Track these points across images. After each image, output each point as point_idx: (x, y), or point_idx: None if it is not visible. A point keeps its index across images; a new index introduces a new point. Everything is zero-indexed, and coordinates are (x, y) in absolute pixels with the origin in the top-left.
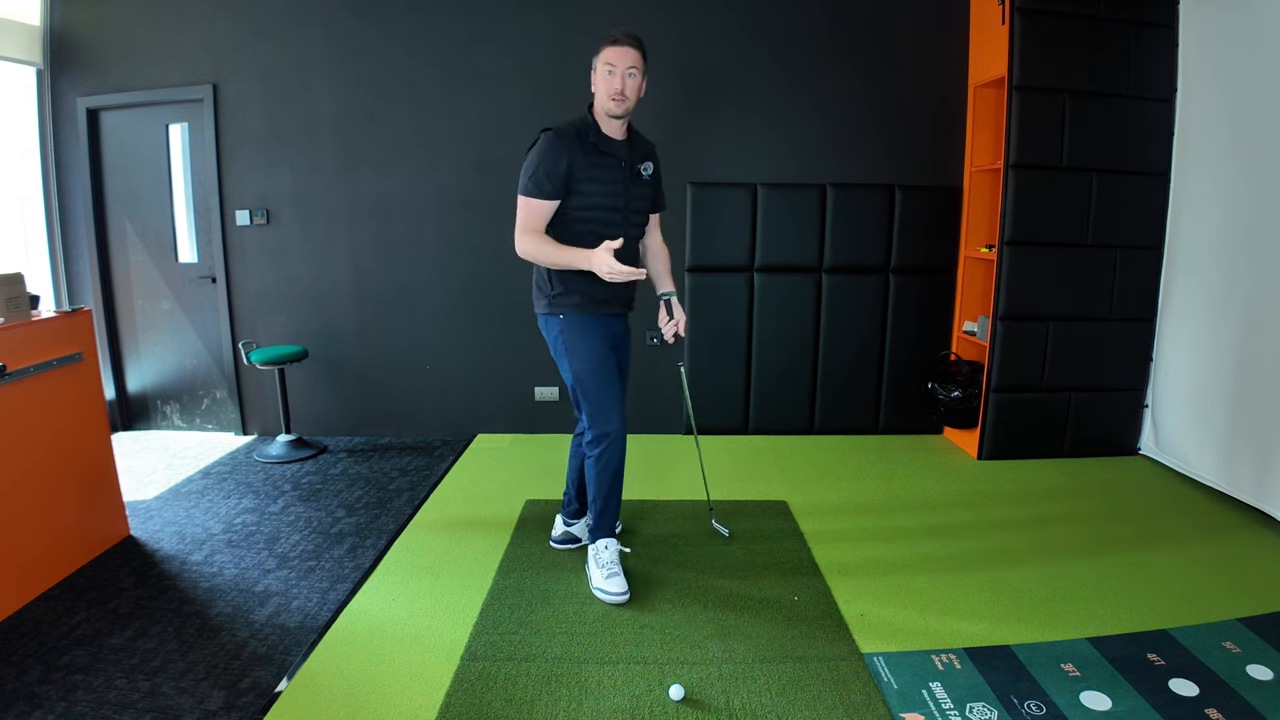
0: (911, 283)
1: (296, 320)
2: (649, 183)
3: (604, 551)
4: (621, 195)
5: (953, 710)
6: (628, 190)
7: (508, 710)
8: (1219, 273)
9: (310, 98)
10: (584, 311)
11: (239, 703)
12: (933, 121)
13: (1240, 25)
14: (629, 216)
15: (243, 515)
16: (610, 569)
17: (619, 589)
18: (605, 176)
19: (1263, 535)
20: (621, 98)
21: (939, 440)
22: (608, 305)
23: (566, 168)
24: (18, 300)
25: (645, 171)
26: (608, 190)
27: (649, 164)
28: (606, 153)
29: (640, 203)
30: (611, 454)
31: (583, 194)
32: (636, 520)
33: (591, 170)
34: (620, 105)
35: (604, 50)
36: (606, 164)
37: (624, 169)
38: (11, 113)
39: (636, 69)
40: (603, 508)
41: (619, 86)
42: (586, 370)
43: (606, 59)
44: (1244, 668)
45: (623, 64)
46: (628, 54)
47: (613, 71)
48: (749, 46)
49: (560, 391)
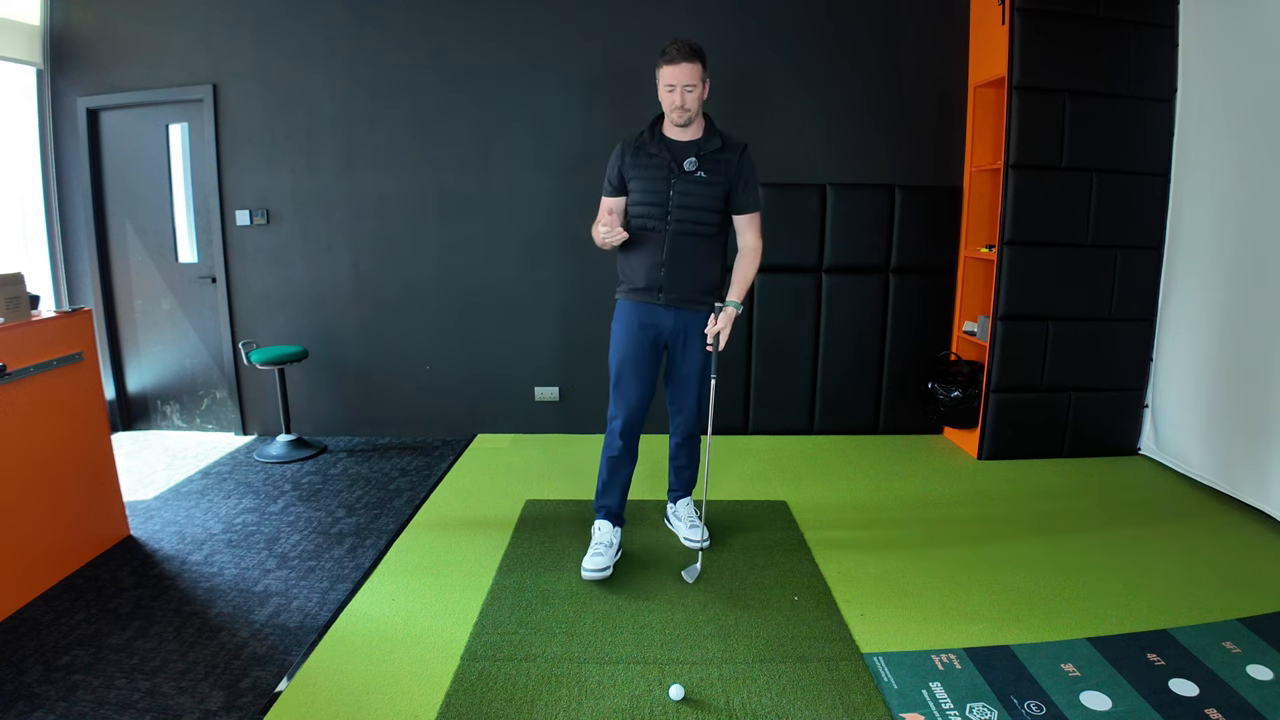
0: (911, 283)
1: (296, 320)
2: (710, 181)
3: (594, 531)
4: (663, 191)
5: (953, 710)
6: (670, 186)
7: (508, 710)
8: (1219, 272)
9: (310, 98)
10: (627, 299)
11: (239, 703)
12: (933, 121)
13: (1240, 25)
14: (674, 211)
15: (243, 515)
16: (594, 548)
17: (590, 565)
18: (649, 175)
19: (1263, 535)
20: (683, 110)
21: (939, 440)
22: (643, 294)
23: (619, 169)
24: (18, 300)
25: (688, 166)
26: (650, 187)
27: (693, 160)
28: (654, 153)
29: (691, 199)
30: (607, 442)
31: (632, 190)
32: (637, 520)
33: (637, 170)
34: (682, 116)
35: (662, 70)
36: (652, 163)
37: (668, 166)
38: (11, 113)
39: (694, 83)
40: (598, 489)
41: (679, 102)
42: (613, 356)
43: (666, 79)
44: (1244, 668)
45: (681, 81)
46: (684, 71)
47: (673, 89)
48: (749, 47)
49: (560, 392)
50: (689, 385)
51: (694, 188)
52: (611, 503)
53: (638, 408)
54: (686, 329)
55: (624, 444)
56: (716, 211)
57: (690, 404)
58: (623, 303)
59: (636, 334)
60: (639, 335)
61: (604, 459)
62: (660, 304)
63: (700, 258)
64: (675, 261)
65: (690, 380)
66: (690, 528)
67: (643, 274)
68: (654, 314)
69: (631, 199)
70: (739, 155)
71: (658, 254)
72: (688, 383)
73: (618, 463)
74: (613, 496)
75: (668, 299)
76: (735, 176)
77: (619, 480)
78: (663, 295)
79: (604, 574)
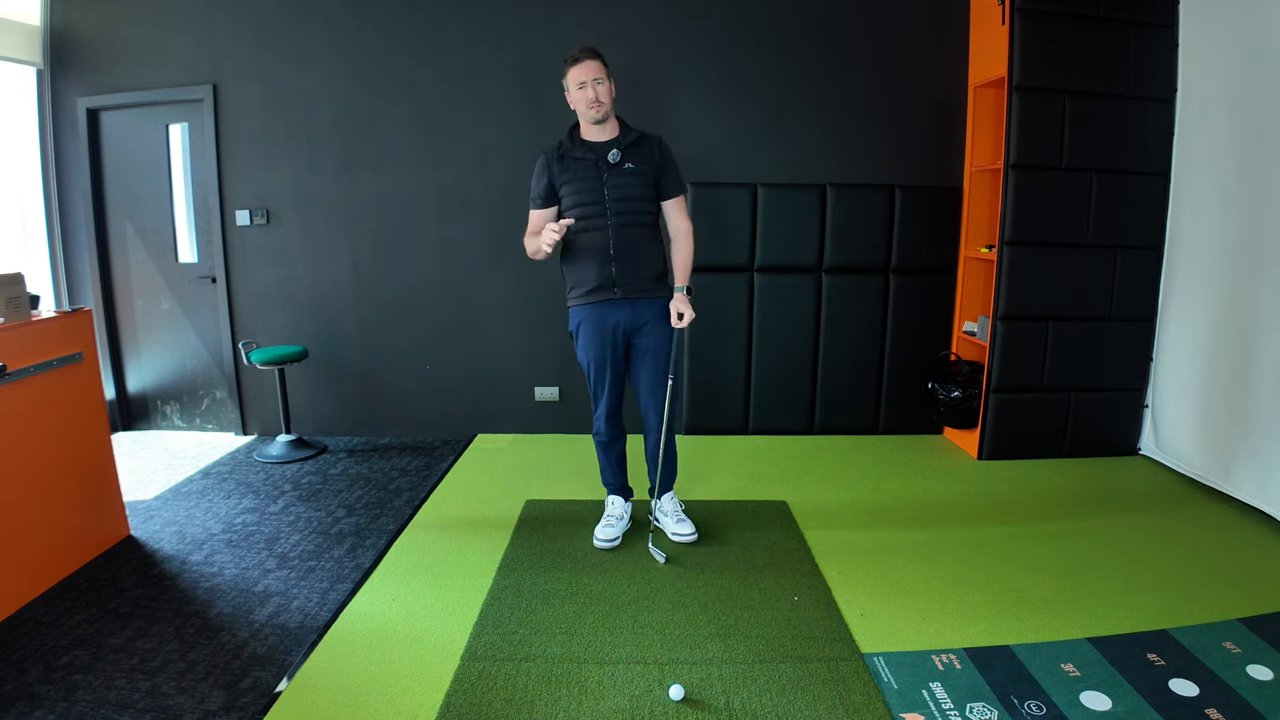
0: (911, 283)
1: (296, 320)
2: (638, 170)
3: (606, 504)
4: (597, 189)
5: (953, 710)
6: (604, 182)
7: (508, 710)
8: (1219, 272)
9: (310, 98)
10: (582, 302)
11: (239, 703)
12: (933, 121)
13: (1240, 25)
14: (612, 205)
15: (243, 515)
16: (605, 519)
17: (601, 535)
18: (579, 175)
19: (1263, 535)
20: (599, 105)
21: (939, 440)
22: (598, 292)
23: (548, 181)
24: (18, 300)
25: (613, 159)
26: (583, 187)
27: (615, 152)
28: (579, 156)
29: (625, 190)
30: (595, 429)
31: (565, 195)
32: (635, 520)
33: (566, 175)
34: (599, 111)
35: (570, 71)
36: (580, 165)
37: (595, 165)
38: (11, 113)
39: (601, 77)
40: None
41: (593, 95)
42: (582, 361)
43: (576, 78)
44: (1244, 668)
45: (589, 76)
46: (589, 67)
47: (584, 86)
48: (748, 46)
49: (560, 392)
50: (657, 376)
51: (625, 179)
52: (613, 480)
53: (614, 400)
54: (645, 318)
55: (608, 428)
56: (650, 199)
57: (655, 405)
58: (579, 309)
59: (600, 335)
60: (600, 336)
61: (596, 447)
62: (616, 299)
63: (646, 246)
64: (623, 253)
65: (657, 370)
66: (678, 522)
67: (593, 273)
68: (611, 311)
69: (567, 204)
70: (657, 145)
71: (604, 250)
72: (655, 373)
73: (607, 445)
74: (612, 474)
75: (624, 292)
76: (659, 164)
77: (613, 459)
78: (618, 290)
79: (613, 544)
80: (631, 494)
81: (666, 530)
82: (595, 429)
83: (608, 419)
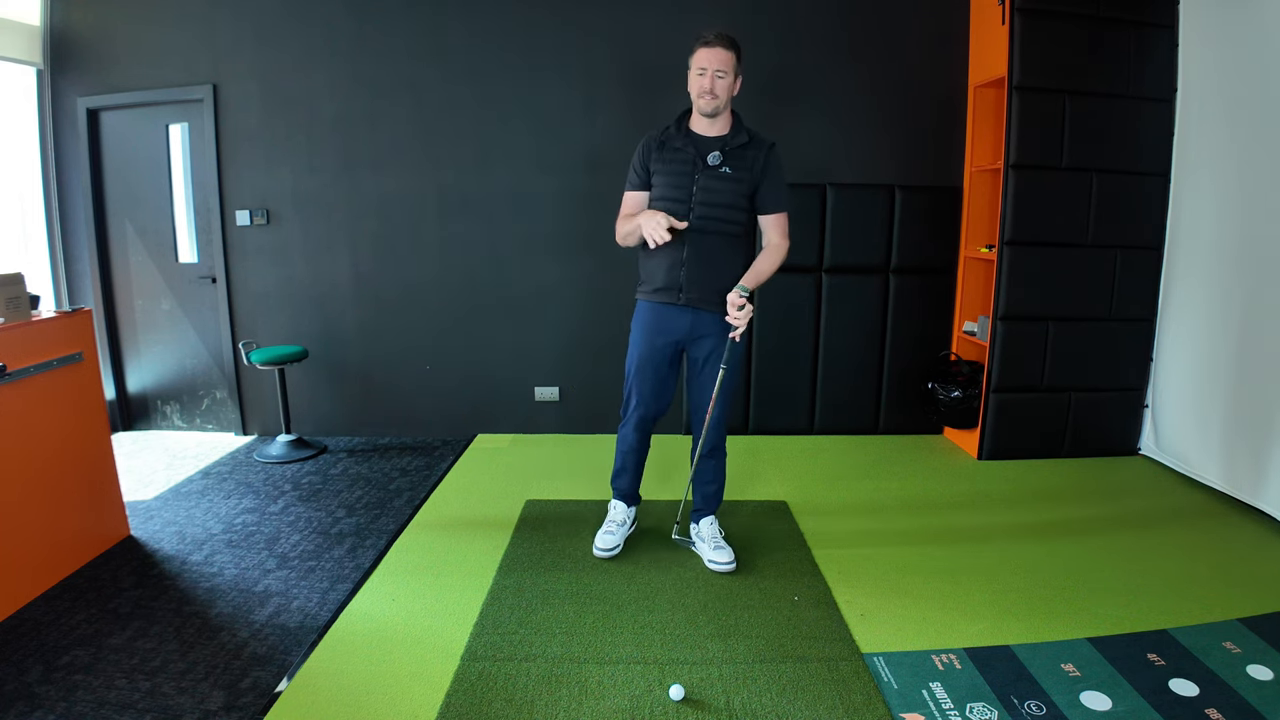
0: (911, 283)
1: (296, 320)
2: (735, 177)
3: (609, 508)
4: (686, 186)
5: (953, 710)
6: (694, 181)
7: (508, 710)
8: (1219, 272)
9: (310, 98)
10: (646, 299)
11: (239, 703)
12: (933, 121)
13: (1240, 25)
14: (696, 207)
15: (243, 515)
16: (606, 525)
17: (600, 544)
18: (672, 169)
19: (1263, 535)
20: (711, 96)
21: (939, 440)
22: (662, 294)
23: (644, 162)
24: (18, 300)
25: (712, 160)
26: (673, 181)
27: (717, 154)
28: (679, 146)
29: (715, 195)
30: (621, 434)
31: (655, 186)
32: (639, 520)
33: (661, 164)
34: (710, 103)
35: (697, 52)
36: (676, 157)
37: (692, 160)
38: (11, 113)
39: (726, 70)
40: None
41: (708, 86)
42: (630, 354)
43: (699, 62)
44: (1244, 668)
45: (712, 65)
46: (717, 55)
47: (703, 73)
48: (748, 47)
49: (560, 392)
50: (709, 389)
51: (717, 183)
52: (625, 485)
53: (652, 409)
54: (705, 331)
55: (637, 438)
56: (740, 209)
57: (715, 411)
58: (642, 303)
59: (652, 335)
60: (655, 337)
61: (618, 450)
62: (680, 304)
63: (722, 257)
64: (696, 261)
65: (710, 385)
66: (715, 549)
67: (662, 273)
68: (672, 315)
69: (655, 194)
70: (766, 152)
71: (678, 252)
72: (708, 387)
73: (629, 454)
74: (626, 480)
75: (687, 299)
76: (761, 174)
77: (631, 465)
78: (682, 295)
79: (612, 552)
80: (639, 501)
81: (703, 556)
82: (622, 433)
83: (638, 427)
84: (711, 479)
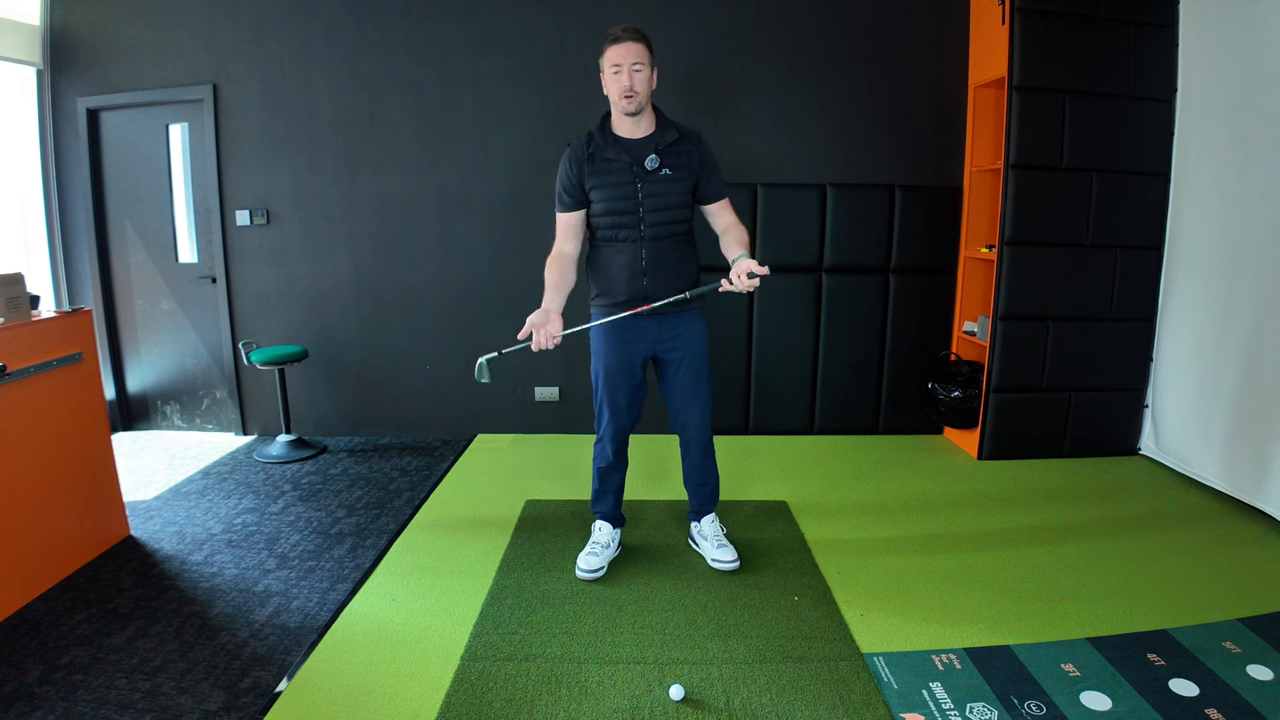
0: (911, 283)
1: (296, 320)
2: (677, 177)
3: (593, 530)
4: (631, 196)
5: (953, 710)
6: (638, 190)
7: (508, 710)
8: (1219, 272)
9: (310, 98)
10: (606, 313)
11: (239, 703)
12: (933, 121)
13: (1240, 25)
14: (647, 215)
15: (243, 515)
16: (590, 547)
17: (584, 565)
18: (611, 181)
19: (1263, 535)
20: (632, 94)
21: (939, 440)
22: (625, 306)
23: (576, 180)
24: (18, 300)
25: (650, 165)
26: (616, 194)
27: (654, 157)
28: (611, 157)
29: (662, 200)
30: (597, 452)
31: (595, 200)
32: (636, 520)
33: (597, 178)
34: (633, 102)
35: (607, 50)
36: (612, 168)
37: (630, 169)
38: (11, 113)
39: (642, 63)
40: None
41: (628, 83)
42: (596, 372)
43: (611, 59)
44: (1244, 668)
45: (628, 60)
46: (631, 49)
47: (619, 70)
48: (748, 47)
49: (560, 392)
50: (694, 391)
51: (661, 187)
52: (606, 508)
53: (625, 422)
54: (673, 332)
55: (613, 454)
56: (686, 207)
57: (695, 414)
58: (599, 317)
59: (621, 343)
60: (624, 345)
61: (595, 469)
62: (645, 314)
63: (680, 257)
64: (657, 268)
65: (688, 387)
66: (718, 548)
67: (623, 285)
68: (637, 327)
69: (596, 210)
70: (698, 144)
71: (636, 262)
72: (690, 389)
73: (608, 472)
74: (607, 503)
75: (655, 310)
76: (699, 167)
77: (611, 487)
78: (649, 304)
79: (596, 574)
80: (623, 522)
81: (706, 556)
82: (598, 452)
83: (614, 442)
84: (705, 480)
